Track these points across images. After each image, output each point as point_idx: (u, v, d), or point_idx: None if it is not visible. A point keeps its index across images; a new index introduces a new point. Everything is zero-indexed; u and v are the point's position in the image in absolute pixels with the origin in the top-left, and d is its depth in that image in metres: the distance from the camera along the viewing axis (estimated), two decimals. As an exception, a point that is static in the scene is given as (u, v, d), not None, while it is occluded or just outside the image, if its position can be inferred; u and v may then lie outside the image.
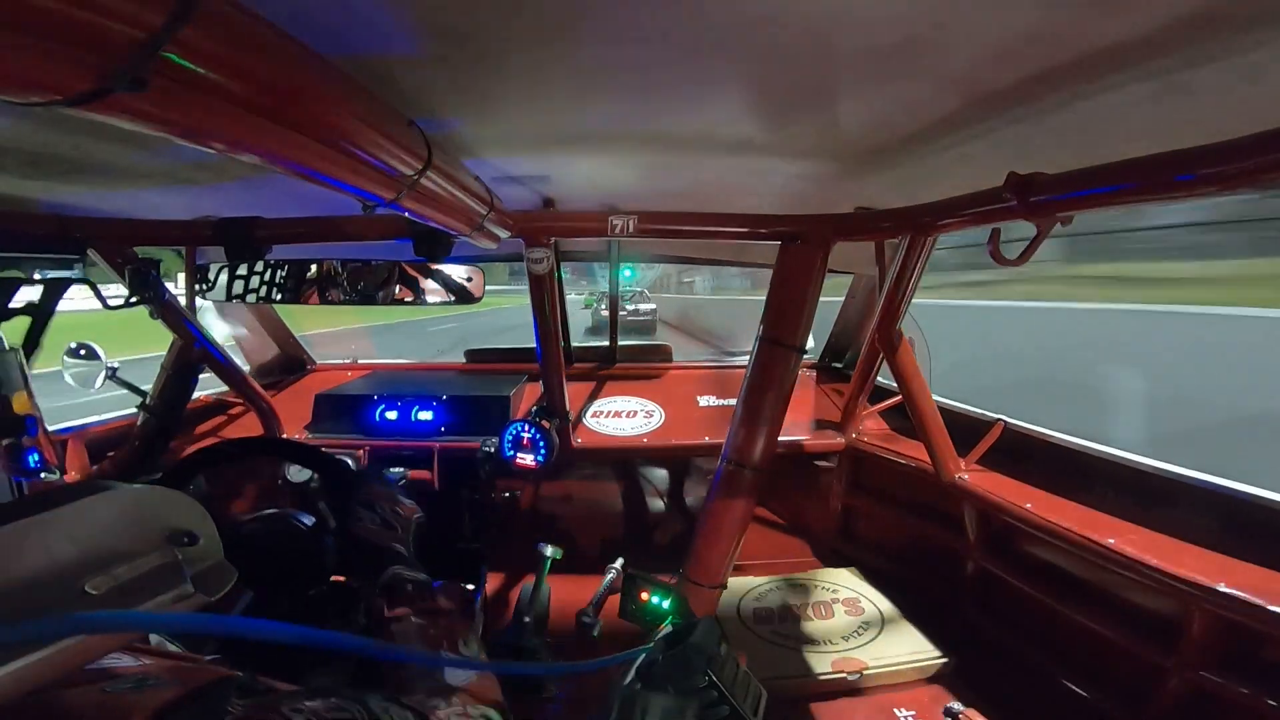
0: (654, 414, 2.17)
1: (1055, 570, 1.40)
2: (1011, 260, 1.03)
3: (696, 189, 1.28)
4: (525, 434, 1.82)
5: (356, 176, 0.63)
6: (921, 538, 1.84)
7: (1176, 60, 0.56)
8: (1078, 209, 0.87)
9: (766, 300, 1.54)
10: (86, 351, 1.73)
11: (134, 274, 1.49)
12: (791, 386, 1.53)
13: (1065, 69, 0.60)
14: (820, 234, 1.45)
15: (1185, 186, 0.70)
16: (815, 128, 0.86)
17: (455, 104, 0.75)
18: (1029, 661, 1.43)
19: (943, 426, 1.61)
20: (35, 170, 0.97)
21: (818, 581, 1.87)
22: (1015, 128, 0.79)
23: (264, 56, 0.43)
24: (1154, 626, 1.19)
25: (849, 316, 2.32)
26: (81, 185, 1.09)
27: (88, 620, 0.46)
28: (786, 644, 1.58)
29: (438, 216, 0.89)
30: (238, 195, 1.25)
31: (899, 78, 0.65)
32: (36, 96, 0.33)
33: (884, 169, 1.06)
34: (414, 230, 1.33)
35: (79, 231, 1.37)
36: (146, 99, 0.36)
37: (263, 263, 1.78)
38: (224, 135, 0.46)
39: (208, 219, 1.47)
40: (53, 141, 0.81)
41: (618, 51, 0.60)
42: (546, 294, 1.65)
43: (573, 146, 0.95)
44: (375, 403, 2.05)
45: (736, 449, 1.54)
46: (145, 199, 1.24)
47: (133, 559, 0.66)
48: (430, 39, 0.57)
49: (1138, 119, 0.72)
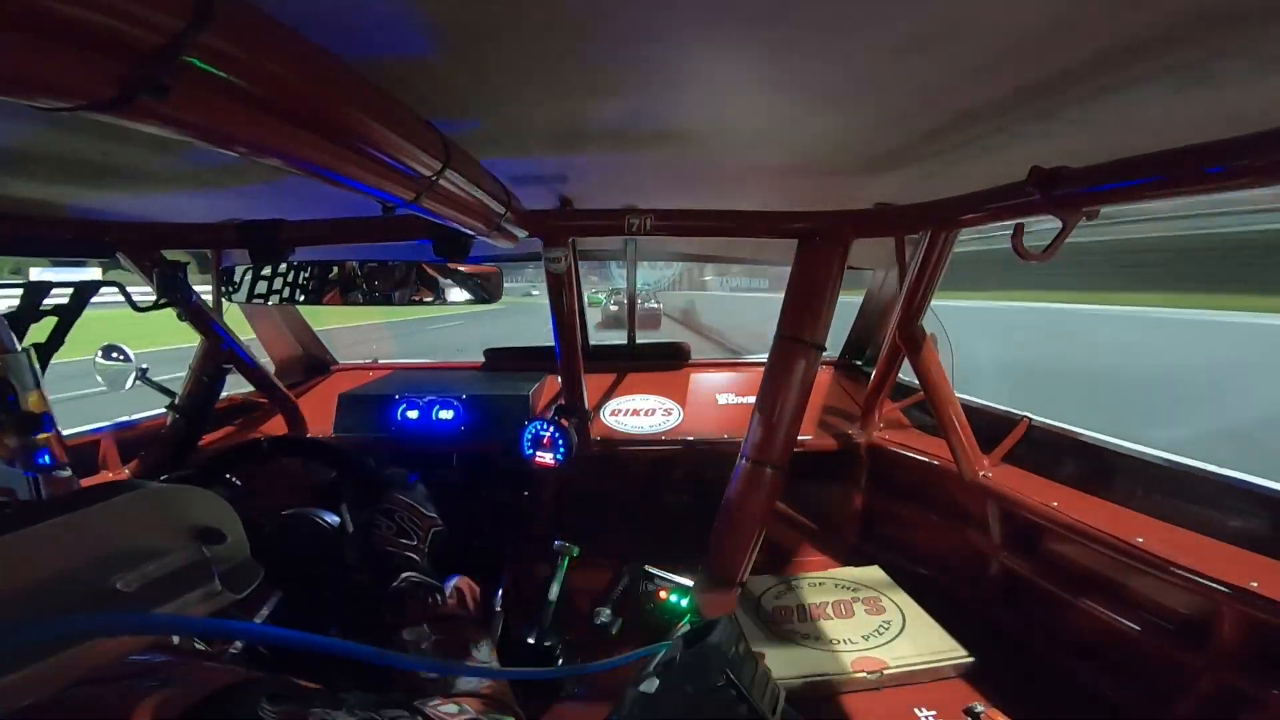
0: (673, 412, 2.17)
1: (1081, 569, 1.38)
2: (1036, 255, 1.02)
3: (713, 186, 1.27)
4: (545, 433, 1.83)
5: (376, 178, 0.63)
6: (944, 536, 1.81)
7: (1200, 52, 0.55)
8: (1104, 203, 0.85)
9: (785, 297, 1.53)
10: (118, 354, 1.77)
11: (161, 276, 1.52)
12: (811, 384, 1.52)
13: (1087, 62, 0.59)
14: (839, 230, 1.43)
15: (1215, 179, 0.68)
16: (834, 124, 0.85)
17: (473, 104, 0.76)
18: (1053, 661, 1.40)
19: (966, 424, 1.59)
20: (64, 175, 0.99)
21: (838, 580, 1.85)
22: (1037, 122, 0.77)
23: (283, 60, 0.44)
24: (1182, 626, 1.16)
25: (869, 313, 2.29)
26: (109, 189, 1.12)
27: (108, 620, 0.47)
28: (806, 643, 1.57)
29: (457, 217, 0.90)
30: (261, 198, 1.27)
31: (919, 72, 0.64)
32: (62, 102, 0.34)
33: (904, 164, 1.04)
34: (433, 231, 1.34)
35: (108, 235, 1.40)
36: (169, 104, 0.37)
37: (285, 264, 1.81)
38: (245, 139, 0.47)
39: (232, 222, 1.49)
40: (81, 147, 0.83)
41: (634, 49, 0.59)
42: (565, 293, 1.65)
43: (590, 145, 0.96)
44: (397, 403, 2.07)
45: (755, 446, 1.53)
46: (171, 202, 1.27)
47: (162, 557, 0.68)
48: (447, 39, 0.57)
49: (1162, 111, 0.70)
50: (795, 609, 1.71)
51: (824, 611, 1.70)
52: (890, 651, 1.53)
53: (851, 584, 1.83)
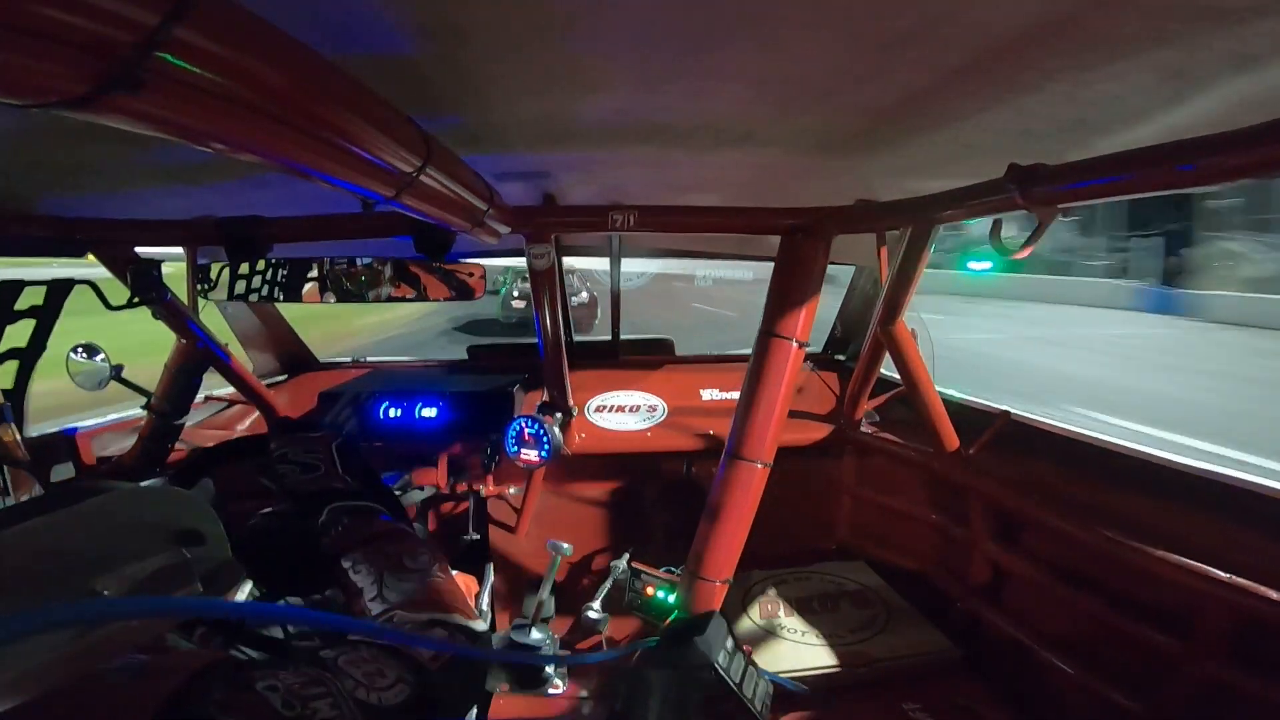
0: (657, 408, 2.17)
1: (1063, 561, 1.40)
2: (1013, 252, 1.03)
3: (697, 182, 1.27)
4: (528, 430, 1.82)
5: (356, 174, 0.63)
6: (928, 529, 1.84)
7: (1178, 51, 0.56)
8: (1079, 200, 0.87)
9: (768, 293, 1.54)
10: (90, 351, 1.74)
11: (136, 275, 1.49)
12: (794, 379, 1.53)
13: (1067, 59, 0.60)
14: (821, 226, 1.44)
15: (1187, 177, 0.70)
16: (816, 120, 0.85)
17: (454, 100, 0.75)
18: (1038, 653, 1.43)
19: (947, 418, 1.61)
20: (35, 173, 0.97)
21: (824, 575, 1.87)
22: (1017, 118, 0.78)
23: (260, 55, 0.43)
24: (1165, 618, 1.18)
25: (851, 309, 2.31)
26: (82, 187, 1.09)
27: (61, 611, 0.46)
28: (793, 638, 1.59)
29: (438, 213, 0.89)
30: (239, 195, 1.24)
31: (901, 68, 0.65)
32: (32, 99, 0.33)
33: (885, 161, 1.05)
34: (414, 227, 1.32)
35: (80, 233, 1.37)
36: (143, 100, 0.36)
37: (264, 261, 1.78)
38: (221, 135, 0.46)
39: (209, 219, 1.47)
40: (52, 144, 0.81)
41: (617, 46, 0.59)
42: (548, 289, 1.65)
43: (573, 141, 0.95)
44: (379, 400, 2.05)
45: (740, 442, 1.54)
46: (146, 200, 1.24)
47: (141, 559, 0.67)
48: (428, 35, 0.56)
49: (1139, 110, 0.72)
50: (782, 604, 1.73)
51: (811, 606, 1.72)
52: (877, 645, 1.55)
53: (838, 578, 1.85)
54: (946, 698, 1.39)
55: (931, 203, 1.24)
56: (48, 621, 0.45)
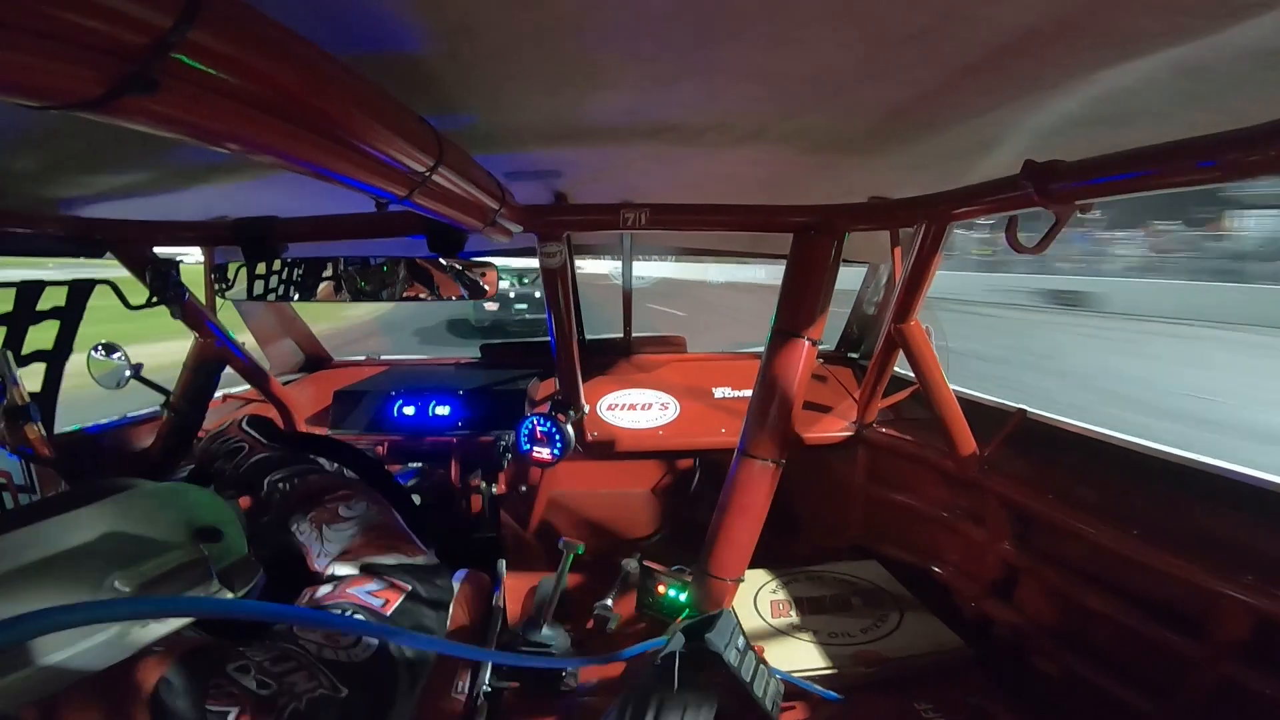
0: (669, 406, 2.17)
1: (1078, 561, 1.38)
2: (1029, 249, 1.02)
3: (709, 180, 1.27)
4: (541, 428, 1.83)
5: (369, 174, 0.63)
6: (941, 529, 1.82)
7: (1194, 47, 0.55)
8: (1097, 196, 0.86)
9: (780, 291, 1.53)
10: (111, 351, 1.76)
11: (154, 274, 1.51)
12: (806, 377, 1.52)
13: (1083, 55, 0.59)
14: (834, 224, 1.43)
15: (1209, 174, 0.69)
16: (829, 117, 0.85)
17: (466, 100, 0.75)
18: (1051, 653, 1.41)
19: (961, 416, 1.59)
20: (55, 173, 0.98)
21: (836, 574, 1.86)
22: (1031, 115, 0.77)
23: (273, 56, 0.43)
24: (1180, 618, 1.17)
25: (864, 307, 2.29)
26: (100, 188, 1.11)
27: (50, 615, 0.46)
28: (804, 637, 1.58)
29: (450, 212, 0.90)
30: (254, 195, 1.26)
31: (914, 66, 0.64)
32: (50, 101, 0.33)
33: (899, 158, 1.04)
34: (427, 226, 1.33)
35: (99, 233, 1.39)
36: (158, 101, 0.37)
37: (279, 261, 1.80)
38: (236, 135, 0.46)
39: (225, 219, 1.48)
40: (71, 145, 0.82)
41: (628, 44, 0.59)
42: (560, 288, 1.65)
43: (584, 140, 0.95)
44: (393, 398, 2.07)
45: (752, 441, 1.54)
46: (163, 200, 1.26)
47: (159, 555, 0.68)
48: (439, 35, 0.57)
49: (1157, 106, 0.70)
50: (793, 603, 1.72)
51: (823, 605, 1.71)
52: (889, 645, 1.54)
53: (850, 577, 1.84)
54: (959, 698, 1.38)
55: (946, 200, 1.23)
56: (60, 621, 0.46)
